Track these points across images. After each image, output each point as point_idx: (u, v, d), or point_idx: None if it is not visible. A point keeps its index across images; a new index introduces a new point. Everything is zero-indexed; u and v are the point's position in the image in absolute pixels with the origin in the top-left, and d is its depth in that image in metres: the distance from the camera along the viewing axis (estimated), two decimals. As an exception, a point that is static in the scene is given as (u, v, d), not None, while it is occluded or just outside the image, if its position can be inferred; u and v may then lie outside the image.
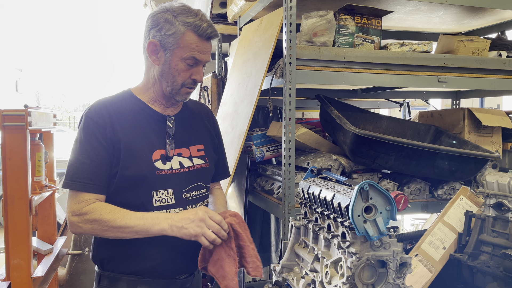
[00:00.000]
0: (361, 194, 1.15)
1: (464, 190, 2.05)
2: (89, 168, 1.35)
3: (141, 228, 1.32)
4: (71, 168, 1.36)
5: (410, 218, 5.90)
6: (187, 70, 1.42)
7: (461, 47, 2.45)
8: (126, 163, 1.38)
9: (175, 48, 1.39)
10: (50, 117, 2.76)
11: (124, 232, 1.33)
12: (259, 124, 3.18)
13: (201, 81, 1.47)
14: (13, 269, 2.21)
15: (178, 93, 1.45)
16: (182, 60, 1.40)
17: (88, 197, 1.35)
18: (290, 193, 2.10)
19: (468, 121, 2.61)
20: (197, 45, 1.39)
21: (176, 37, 1.38)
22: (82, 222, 1.33)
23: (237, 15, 2.91)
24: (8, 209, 2.21)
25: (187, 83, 1.44)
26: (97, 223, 1.32)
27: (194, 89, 1.49)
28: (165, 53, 1.41)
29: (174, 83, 1.43)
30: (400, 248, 1.21)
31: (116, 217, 1.32)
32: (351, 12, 2.31)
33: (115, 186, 1.39)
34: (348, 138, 2.15)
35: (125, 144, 1.39)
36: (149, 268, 1.43)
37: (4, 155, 2.19)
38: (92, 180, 1.35)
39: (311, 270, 1.40)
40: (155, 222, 1.33)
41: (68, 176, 1.36)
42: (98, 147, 1.36)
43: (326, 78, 2.18)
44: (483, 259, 1.80)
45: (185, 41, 1.38)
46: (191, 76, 1.43)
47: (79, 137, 1.39)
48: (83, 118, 1.40)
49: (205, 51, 1.42)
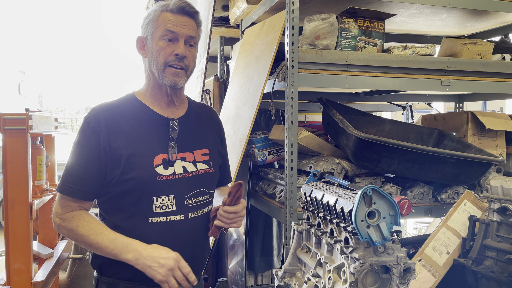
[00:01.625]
0: (364, 199, 1.14)
1: (468, 194, 2.03)
2: (77, 173, 1.35)
3: (110, 251, 1.32)
4: (65, 171, 1.39)
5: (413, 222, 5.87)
6: (168, 47, 1.40)
7: (465, 50, 2.44)
8: (126, 169, 1.36)
9: (153, 31, 1.42)
10: (52, 120, 2.75)
11: (95, 249, 1.35)
12: (261, 128, 3.17)
13: (184, 56, 1.41)
14: (13, 274, 2.20)
15: (165, 76, 1.41)
16: (160, 38, 1.40)
17: (72, 203, 1.36)
18: (292, 197, 2.08)
19: (471, 124, 2.60)
20: (170, 19, 1.40)
21: (153, 21, 1.42)
22: (62, 226, 1.36)
23: (239, 18, 2.91)
24: (9, 213, 2.20)
25: (169, 61, 1.40)
26: (73, 232, 1.34)
27: (182, 69, 1.42)
28: (148, 41, 1.43)
29: (158, 64, 1.41)
30: (404, 254, 1.19)
31: (90, 233, 1.32)
32: (354, 15, 2.30)
33: (115, 192, 1.38)
34: (351, 141, 2.14)
35: (125, 149, 1.37)
36: None
37: (5, 159, 2.18)
38: (77, 186, 1.35)
39: (313, 275, 1.38)
40: (124, 251, 1.31)
41: (61, 178, 1.39)
42: (89, 153, 1.36)
43: (328, 81, 2.17)
44: (488, 264, 1.78)
45: (160, 20, 1.41)
46: (173, 53, 1.40)
47: (76, 140, 1.40)
48: (82, 121, 1.41)
49: (181, 24, 1.41)
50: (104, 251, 1.32)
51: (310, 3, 2.37)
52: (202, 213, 1.50)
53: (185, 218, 1.44)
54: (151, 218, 1.39)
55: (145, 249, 1.31)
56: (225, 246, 2.85)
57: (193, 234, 1.46)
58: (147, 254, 1.31)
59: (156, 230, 1.39)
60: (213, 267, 3.11)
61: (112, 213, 1.41)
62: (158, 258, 1.30)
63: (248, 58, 2.59)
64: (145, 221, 1.39)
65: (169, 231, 1.41)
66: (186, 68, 1.44)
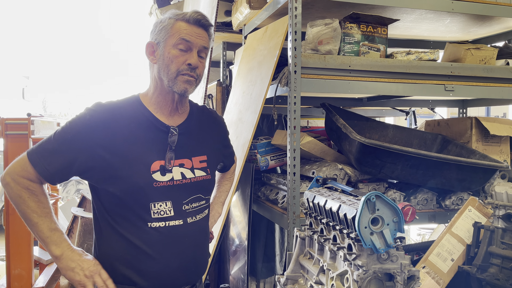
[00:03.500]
0: (367, 205, 1.13)
1: (472, 200, 2.01)
2: (53, 152, 1.34)
3: (43, 237, 1.34)
4: (45, 142, 1.37)
5: (417, 228, 5.84)
6: (181, 56, 1.40)
7: (468, 56, 2.43)
8: (121, 171, 1.36)
9: (166, 38, 1.41)
10: (54, 125, 2.76)
11: (30, 226, 1.35)
12: (264, 133, 3.16)
13: (197, 66, 1.42)
14: (14, 279, 2.20)
15: (175, 83, 1.41)
16: (174, 46, 1.40)
17: (33, 173, 1.33)
18: (295, 202, 2.07)
19: (475, 130, 2.58)
20: (186, 29, 1.40)
21: (166, 28, 1.42)
22: (12, 187, 1.33)
23: (242, 23, 2.91)
24: (10, 218, 2.19)
25: (182, 70, 1.40)
26: (20, 199, 1.33)
27: (193, 78, 1.42)
28: (159, 47, 1.43)
29: (169, 72, 1.41)
30: (408, 261, 1.18)
31: (37, 210, 1.33)
32: (357, 21, 2.30)
33: (113, 194, 1.37)
34: (354, 147, 2.12)
35: (122, 153, 1.36)
36: (149, 279, 1.41)
37: (6, 164, 2.18)
38: (46, 163, 1.33)
39: (316, 282, 1.37)
40: (54, 244, 1.34)
41: (37, 146, 1.36)
42: (73, 143, 1.35)
43: (331, 86, 2.16)
44: (492, 272, 1.76)
45: (175, 28, 1.41)
46: (186, 62, 1.40)
47: (69, 122, 1.38)
48: (85, 109, 1.40)
49: (196, 34, 1.41)
50: (37, 234, 1.34)
51: (313, 8, 2.37)
52: (200, 217, 1.50)
53: (184, 223, 1.44)
54: (150, 224, 1.39)
55: (72, 251, 1.36)
56: (227, 252, 2.84)
57: (192, 239, 1.46)
58: (73, 256, 1.35)
59: (156, 235, 1.39)
60: (215, 273, 3.09)
61: (109, 216, 1.41)
62: (81, 261, 1.35)
63: (250, 63, 2.58)
64: (144, 226, 1.38)
65: (169, 236, 1.41)
66: (197, 78, 1.45)
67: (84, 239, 3.27)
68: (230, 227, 2.79)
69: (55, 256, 1.35)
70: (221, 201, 1.81)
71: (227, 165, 1.80)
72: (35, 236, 1.38)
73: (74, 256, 1.35)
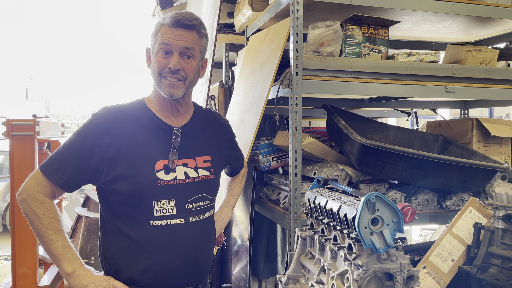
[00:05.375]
0: (367, 206, 1.14)
1: (473, 201, 2.02)
2: (65, 161, 1.37)
3: (56, 254, 1.35)
4: (54, 153, 1.40)
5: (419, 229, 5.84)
6: (163, 60, 1.43)
7: (469, 57, 2.44)
8: (126, 171, 1.39)
9: (154, 44, 1.46)
10: (58, 126, 2.78)
11: (43, 243, 1.36)
12: (266, 133, 3.18)
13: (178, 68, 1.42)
14: (19, 278, 2.22)
15: (161, 87, 1.44)
16: (158, 51, 1.44)
17: (48, 185, 1.36)
18: (296, 203, 2.09)
19: (476, 131, 2.59)
20: (167, 33, 1.43)
21: (154, 34, 1.46)
22: (28, 204, 1.35)
23: (244, 25, 2.93)
24: (15, 218, 2.22)
25: (163, 73, 1.43)
26: (35, 216, 1.34)
27: (180, 81, 1.43)
28: (152, 53, 1.47)
29: (155, 76, 1.45)
30: (408, 261, 1.19)
31: (51, 227, 1.34)
32: (358, 22, 2.31)
33: (117, 193, 1.40)
34: (355, 148, 2.14)
35: (128, 153, 1.39)
36: (153, 280, 1.42)
37: (12, 164, 2.21)
38: (60, 172, 1.36)
39: (317, 281, 1.38)
40: (67, 261, 1.35)
41: (47, 158, 1.40)
42: (83, 148, 1.38)
43: (332, 88, 2.18)
44: (492, 272, 1.77)
45: (159, 33, 1.44)
46: (167, 65, 1.43)
47: (77, 131, 1.42)
48: (91, 116, 1.43)
49: (175, 37, 1.42)
50: (51, 251, 1.35)
51: (315, 10, 2.38)
52: (203, 217, 1.52)
53: (186, 222, 1.46)
54: (152, 222, 1.41)
55: (84, 269, 1.37)
56: (229, 252, 2.85)
57: (194, 238, 1.48)
58: (85, 273, 1.36)
59: (158, 233, 1.41)
60: (217, 273, 3.10)
61: (114, 215, 1.43)
62: (93, 278, 1.37)
63: (253, 65, 2.60)
64: (146, 224, 1.41)
65: (170, 234, 1.43)
66: (184, 79, 1.45)
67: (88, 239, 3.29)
68: (232, 227, 2.81)
69: (67, 274, 1.36)
70: (231, 204, 1.83)
71: (236, 169, 1.81)
72: (47, 253, 1.39)
73: (86, 274, 1.37)
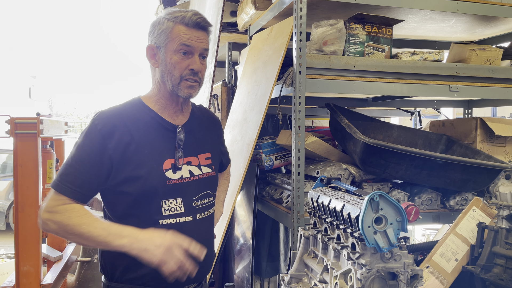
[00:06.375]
0: (371, 205, 1.14)
1: (476, 201, 2.01)
2: (77, 174, 1.34)
3: (103, 239, 1.28)
4: (63, 169, 1.36)
5: (422, 228, 5.82)
6: (183, 61, 1.41)
7: (473, 56, 2.43)
8: (136, 172, 1.38)
9: (167, 43, 1.41)
10: (62, 124, 2.79)
11: (86, 239, 1.30)
12: (269, 133, 3.17)
13: (199, 71, 1.43)
14: (22, 276, 2.23)
15: (179, 88, 1.42)
16: (175, 52, 1.40)
17: (66, 200, 1.33)
18: (299, 202, 2.08)
19: (480, 130, 2.58)
20: (186, 33, 1.40)
21: (166, 32, 1.41)
22: (51, 220, 1.31)
23: (247, 23, 2.92)
24: (19, 216, 2.22)
25: (185, 75, 1.42)
26: (62, 224, 1.30)
27: (196, 82, 1.44)
28: (160, 52, 1.43)
29: (173, 78, 1.42)
30: (411, 260, 1.19)
31: (83, 222, 1.29)
32: (362, 21, 2.30)
33: (126, 195, 1.39)
34: (358, 147, 2.13)
35: (135, 154, 1.38)
36: (156, 278, 1.42)
37: (16, 162, 2.21)
38: (75, 186, 1.33)
39: (320, 281, 1.38)
40: (118, 237, 1.28)
41: (57, 176, 1.36)
42: (92, 157, 1.35)
43: (336, 87, 2.17)
44: (496, 272, 1.76)
45: (174, 33, 1.40)
46: (188, 67, 1.41)
47: (80, 141, 1.39)
48: (89, 123, 1.41)
49: (196, 38, 1.41)
50: (96, 240, 1.28)
51: (318, 9, 2.38)
52: (208, 214, 1.54)
53: (194, 220, 1.46)
54: (161, 220, 1.41)
55: (140, 233, 1.29)
56: (232, 251, 2.85)
57: (201, 235, 1.48)
58: (142, 236, 1.28)
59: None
60: (219, 272, 3.11)
61: (120, 217, 1.42)
62: (154, 238, 1.28)
63: (256, 64, 2.60)
64: (155, 223, 1.40)
65: (179, 232, 1.42)
66: (200, 81, 1.46)
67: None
68: (235, 226, 2.81)
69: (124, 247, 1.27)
70: (221, 200, 1.84)
71: (225, 164, 1.82)
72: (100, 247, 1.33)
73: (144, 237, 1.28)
